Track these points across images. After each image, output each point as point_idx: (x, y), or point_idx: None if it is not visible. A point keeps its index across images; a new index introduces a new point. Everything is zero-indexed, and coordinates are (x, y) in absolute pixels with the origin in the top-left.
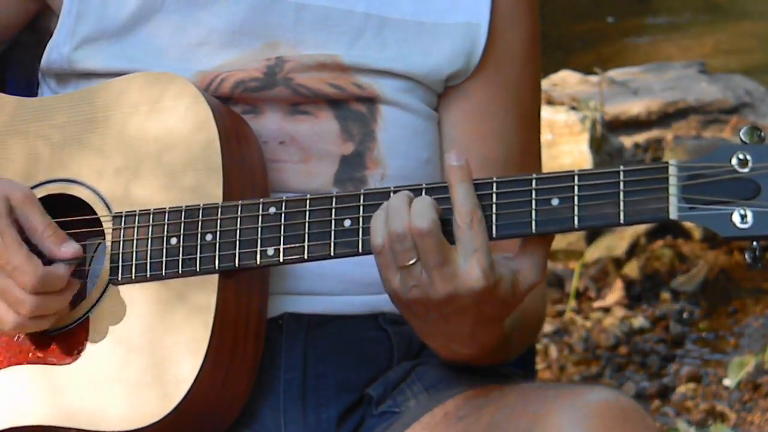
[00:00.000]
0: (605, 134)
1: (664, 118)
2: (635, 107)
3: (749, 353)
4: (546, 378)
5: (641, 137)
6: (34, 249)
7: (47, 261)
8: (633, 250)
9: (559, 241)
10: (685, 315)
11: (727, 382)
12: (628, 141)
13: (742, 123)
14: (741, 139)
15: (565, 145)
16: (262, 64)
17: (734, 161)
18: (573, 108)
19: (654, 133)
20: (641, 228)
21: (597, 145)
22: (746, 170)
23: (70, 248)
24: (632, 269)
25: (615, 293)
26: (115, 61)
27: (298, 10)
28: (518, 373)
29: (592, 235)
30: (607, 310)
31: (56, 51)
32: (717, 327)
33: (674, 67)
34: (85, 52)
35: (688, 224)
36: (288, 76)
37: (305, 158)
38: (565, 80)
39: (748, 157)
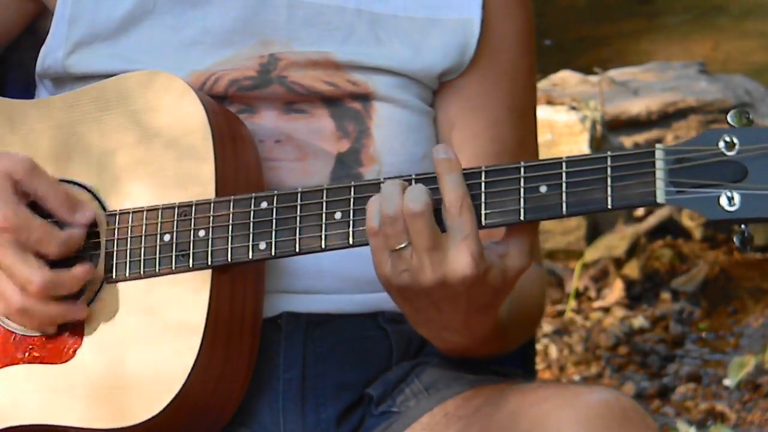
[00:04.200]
0: (605, 134)
1: (665, 118)
2: (635, 107)
3: (749, 353)
4: (546, 378)
5: (641, 137)
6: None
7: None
8: (633, 250)
9: (559, 241)
10: (685, 315)
11: (727, 382)
12: (628, 141)
13: None
14: (728, 122)
15: (565, 145)
16: (256, 62)
17: (721, 144)
18: (573, 108)
19: (654, 133)
20: (641, 228)
21: (597, 145)
22: (733, 153)
23: (84, 214)
24: (632, 269)
25: (615, 293)
26: (110, 62)
27: (290, 7)
28: (518, 373)
29: (592, 235)
30: (607, 310)
31: (51, 56)
32: (717, 327)
33: (674, 67)
34: (80, 56)
35: (688, 223)
36: (282, 74)
37: (301, 156)
38: (565, 80)
39: (735, 140)
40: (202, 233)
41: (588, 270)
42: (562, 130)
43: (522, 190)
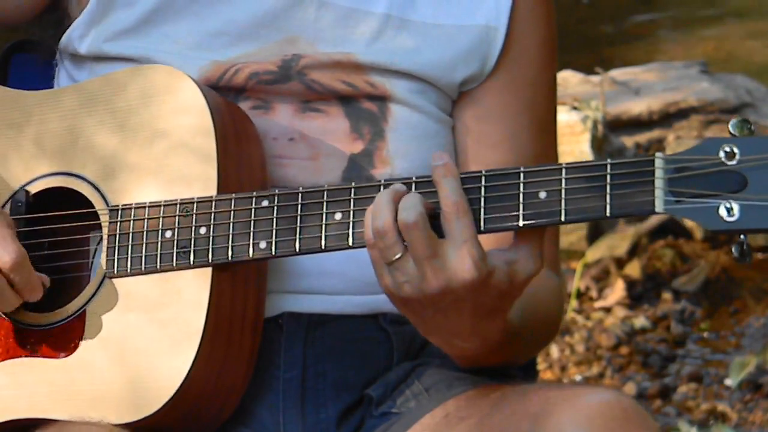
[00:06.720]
0: (607, 134)
1: (666, 117)
2: (637, 107)
3: (750, 353)
4: (547, 378)
5: (643, 137)
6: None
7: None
8: (634, 250)
9: (561, 241)
10: (686, 315)
11: (728, 382)
12: (629, 141)
13: None
14: (730, 132)
15: (567, 145)
16: (278, 58)
17: (721, 154)
18: (575, 108)
19: (655, 133)
20: (643, 228)
21: (598, 145)
22: (733, 163)
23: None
24: (634, 269)
25: (616, 293)
26: (131, 45)
27: (320, 7)
28: (519, 374)
29: (594, 235)
30: (608, 310)
31: (77, 31)
32: (718, 327)
33: (676, 67)
34: (100, 34)
35: (689, 223)
36: (302, 71)
37: (314, 155)
38: (566, 80)
39: (735, 150)
40: (203, 230)
41: (589, 270)
42: (564, 130)
43: (521, 195)
